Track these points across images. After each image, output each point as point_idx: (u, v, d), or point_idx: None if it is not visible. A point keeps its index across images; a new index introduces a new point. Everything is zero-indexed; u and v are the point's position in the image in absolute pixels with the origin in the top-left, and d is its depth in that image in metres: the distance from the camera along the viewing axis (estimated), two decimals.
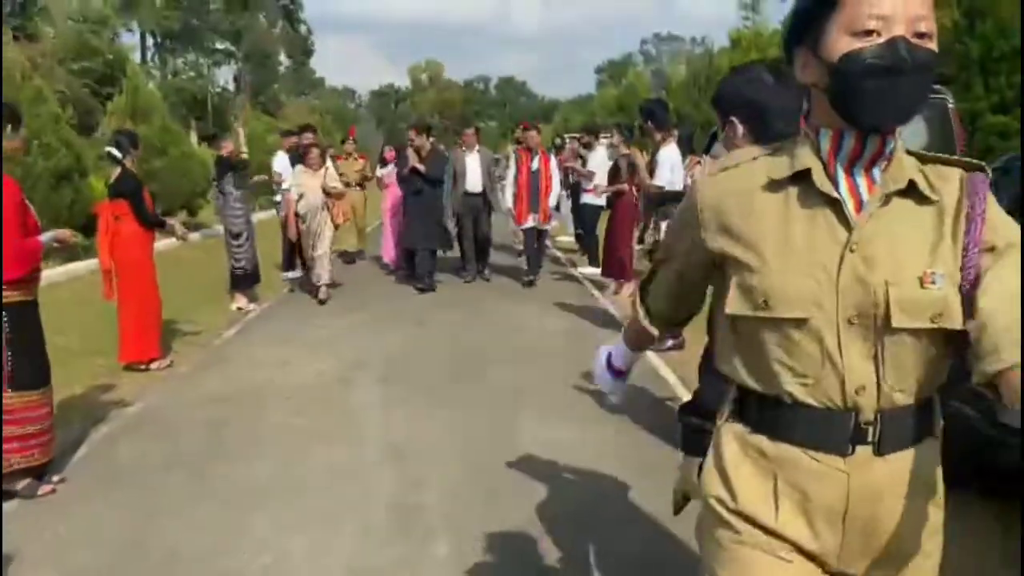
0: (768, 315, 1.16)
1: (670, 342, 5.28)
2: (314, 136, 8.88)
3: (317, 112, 38.00)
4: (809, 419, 1.17)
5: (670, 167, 6.28)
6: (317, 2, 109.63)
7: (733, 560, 1.22)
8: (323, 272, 7.87)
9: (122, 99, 12.89)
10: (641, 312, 1.50)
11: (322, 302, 7.77)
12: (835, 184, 1.15)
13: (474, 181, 8.76)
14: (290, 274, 8.69)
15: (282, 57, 52.03)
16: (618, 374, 1.67)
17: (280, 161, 9.29)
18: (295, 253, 8.46)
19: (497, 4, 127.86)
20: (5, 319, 3.33)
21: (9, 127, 3.38)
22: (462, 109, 69.97)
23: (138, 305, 5.41)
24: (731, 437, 1.26)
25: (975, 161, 1.20)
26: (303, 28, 53.75)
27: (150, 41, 41.53)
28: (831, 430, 1.16)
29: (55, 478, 3.61)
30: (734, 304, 1.20)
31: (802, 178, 1.17)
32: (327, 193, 7.77)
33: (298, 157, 8.39)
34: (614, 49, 71.93)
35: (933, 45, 1.09)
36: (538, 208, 8.84)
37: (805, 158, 1.17)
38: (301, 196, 7.71)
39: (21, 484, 3.47)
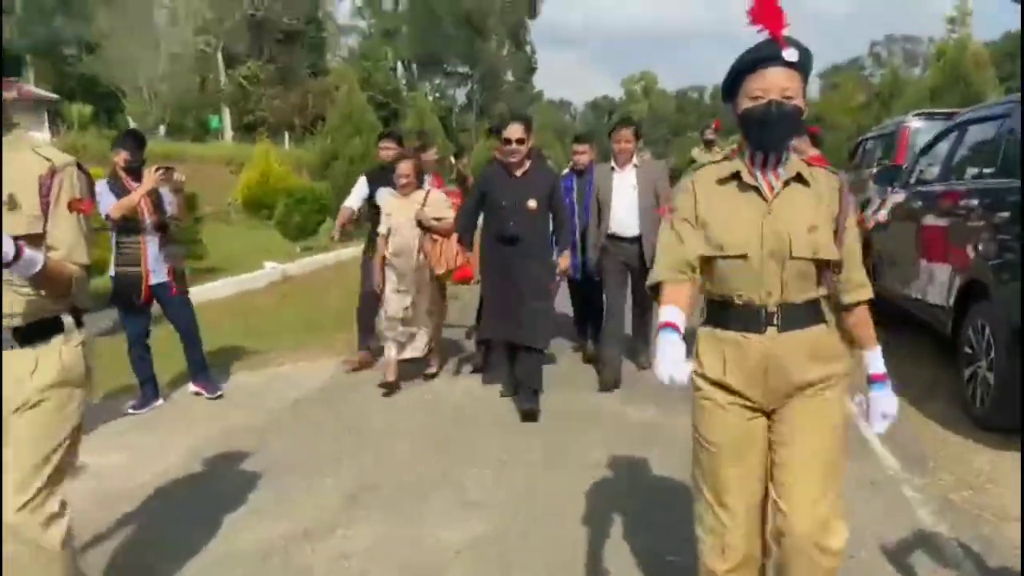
0: (722, 254, 1.87)
1: None
2: (424, 150, 6.03)
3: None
4: (741, 314, 1.89)
5: None
6: (537, 21, 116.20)
7: (699, 409, 1.98)
8: (419, 344, 5.08)
9: (408, 122, 17.10)
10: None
11: (430, 376, 5.25)
12: (755, 178, 1.89)
13: (625, 217, 5.02)
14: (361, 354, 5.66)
15: (508, 76, 57.30)
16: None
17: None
18: (373, 312, 5.53)
19: (714, 8, 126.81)
20: None
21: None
22: (675, 119, 68.05)
23: None
24: (703, 333, 1.98)
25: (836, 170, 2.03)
26: (528, 48, 58.69)
27: (400, 69, 48.74)
28: (753, 319, 1.88)
29: None
30: (703, 249, 1.88)
31: (736, 177, 1.91)
32: (423, 226, 4.98)
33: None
34: (841, 53, 68.52)
35: (798, 102, 1.81)
36: None
37: (737, 165, 1.92)
38: (390, 231, 5.02)
39: None
